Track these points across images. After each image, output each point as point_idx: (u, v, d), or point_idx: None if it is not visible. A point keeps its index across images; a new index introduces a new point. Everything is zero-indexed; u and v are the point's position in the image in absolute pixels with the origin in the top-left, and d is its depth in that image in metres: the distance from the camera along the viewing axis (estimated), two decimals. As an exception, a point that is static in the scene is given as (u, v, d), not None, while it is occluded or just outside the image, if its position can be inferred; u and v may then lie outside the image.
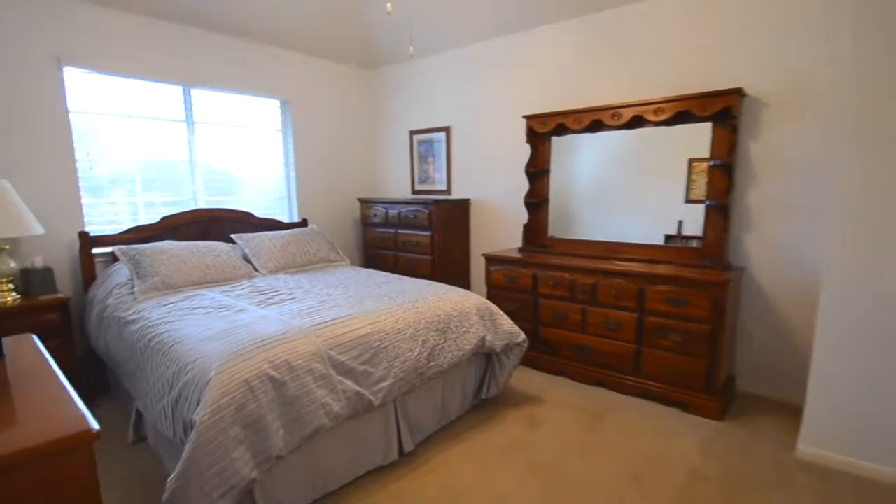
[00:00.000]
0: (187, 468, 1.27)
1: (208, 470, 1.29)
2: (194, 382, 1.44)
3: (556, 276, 2.60)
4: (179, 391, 1.47)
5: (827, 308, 1.76)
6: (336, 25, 3.43)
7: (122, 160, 2.79)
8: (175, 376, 1.53)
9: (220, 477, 1.30)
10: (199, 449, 1.28)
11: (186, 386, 1.46)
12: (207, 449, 1.29)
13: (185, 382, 1.47)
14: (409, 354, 1.88)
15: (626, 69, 2.66)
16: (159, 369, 1.64)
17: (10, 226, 2.05)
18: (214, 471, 1.30)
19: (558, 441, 2.00)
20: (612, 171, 2.80)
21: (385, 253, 3.67)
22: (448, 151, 3.61)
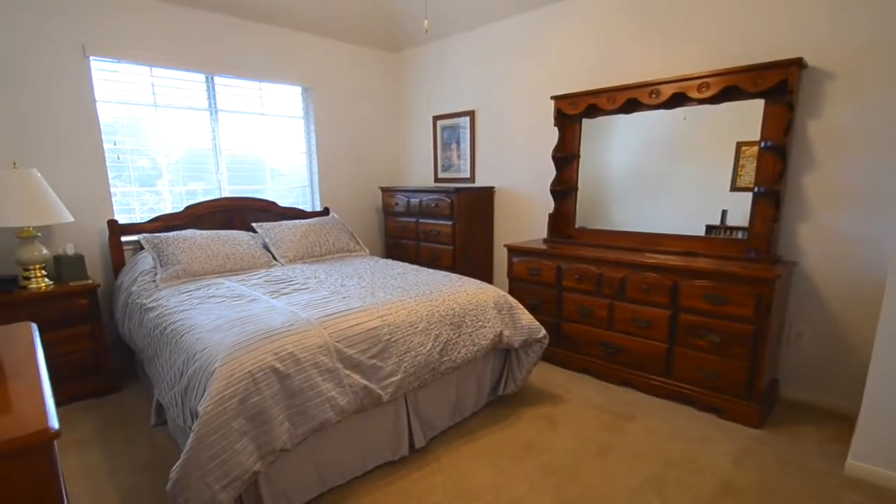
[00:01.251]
0: (189, 459, 1.29)
1: (210, 461, 1.31)
2: (201, 372, 1.47)
3: (581, 268, 2.47)
4: (188, 380, 1.52)
5: (892, 308, 1.57)
6: (356, 5, 3.36)
7: (150, 150, 2.89)
8: (184, 365, 1.58)
9: (222, 469, 1.32)
10: (201, 440, 1.31)
11: (194, 375, 1.50)
12: (210, 440, 1.31)
13: (192, 372, 1.51)
14: (420, 349, 1.84)
15: (665, 42, 2.46)
16: (172, 357, 1.70)
17: (40, 214, 2.15)
18: (217, 462, 1.31)
19: (577, 442, 1.93)
20: (649, 156, 2.60)
21: (407, 243, 3.64)
22: (472, 137, 3.49)
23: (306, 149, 3.65)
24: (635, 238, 2.62)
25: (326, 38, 3.54)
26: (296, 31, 3.37)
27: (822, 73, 2.01)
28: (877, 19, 1.86)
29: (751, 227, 2.22)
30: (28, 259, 2.22)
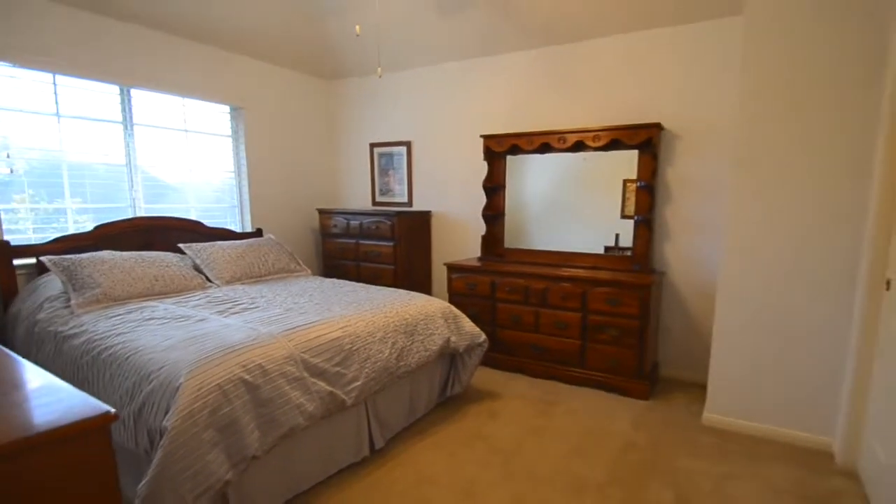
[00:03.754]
0: (159, 473, 1.35)
1: (181, 474, 1.37)
2: (161, 390, 1.51)
3: (511, 282, 2.95)
4: (143, 400, 1.54)
5: (721, 304, 2.32)
6: (296, 34, 3.61)
7: (46, 163, 2.69)
8: (136, 386, 1.59)
9: (194, 480, 1.40)
10: (171, 454, 1.37)
11: (152, 394, 1.53)
12: (180, 453, 1.38)
13: (149, 391, 1.54)
14: (379, 356, 2.09)
15: (573, 99, 3.16)
16: (115, 381, 1.68)
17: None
18: (188, 474, 1.39)
19: (515, 428, 2.34)
20: (560, 188, 3.24)
21: (346, 263, 3.84)
22: (409, 165, 3.87)
23: (235, 168, 3.69)
24: (553, 256, 3.20)
25: (259, 60, 3.70)
26: (226, 51, 3.45)
27: (673, 134, 2.85)
28: (708, 101, 2.73)
29: (634, 246, 2.95)
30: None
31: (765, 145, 2.12)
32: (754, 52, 2.10)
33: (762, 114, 2.11)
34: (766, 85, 2.09)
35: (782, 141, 2.08)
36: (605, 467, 1.99)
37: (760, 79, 2.10)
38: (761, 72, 2.09)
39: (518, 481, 1.89)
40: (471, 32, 3.28)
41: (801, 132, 2.04)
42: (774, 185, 2.11)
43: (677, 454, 2.11)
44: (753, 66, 2.11)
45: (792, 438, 2.20)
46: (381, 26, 3.31)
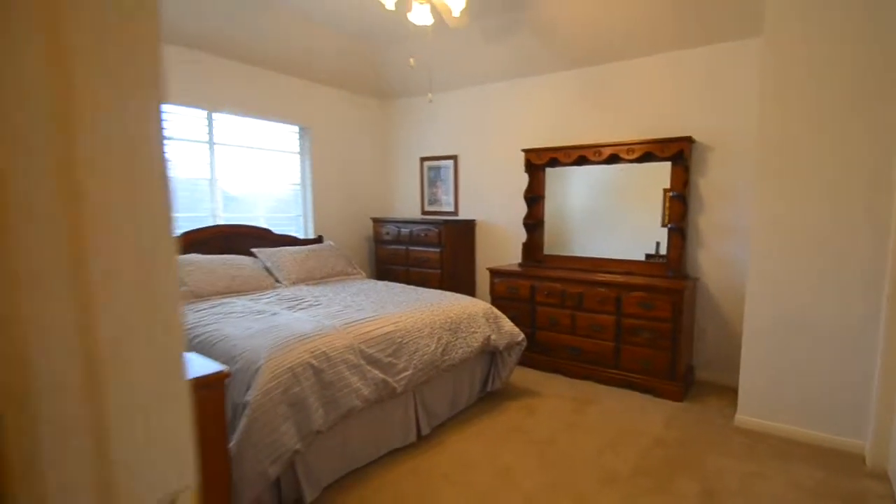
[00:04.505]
0: (243, 438, 1.60)
1: (261, 441, 1.62)
2: (244, 370, 1.79)
3: (549, 286, 3.13)
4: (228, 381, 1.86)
5: (750, 307, 2.40)
6: (356, 62, 4.06)
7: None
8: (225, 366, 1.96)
9: (270, 447, 1.65)
10: (252, 423, 1.62)
11: (236, 374, 1.79)
12: (259, 423, 1.63)
13: (235, 371, 1.79)
14: (426, 350, 2.36)
15: (607, 114, 3.34)
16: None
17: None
18: (266, 442, 1.63)
19: (551, 423, 2.54)
20: (599, 198, 3.38)
21: (396, 268, 4.19)
22: (455, 177, 4.17)
23: (301, 181, 4.15)
24: (589, 262, 3.34)
25: (324, 84, 4.16)
26: (296, 77, 3.91)
27: (705, 146, 2.96)
28: (736, 114, 2.83)
29: (668, 253, 3.04)
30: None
31: (788, 155, 2.21)
32: (773, 68, 2.21)
33: (783, 125, 2.20)
34: (787, 98, 2.19)
35: (805, 149, 2.17)
36: (634, 460, 2.14)
37: (781, 92, 2.20)
38: (781, 86, 2.20)
39: (552, 469, 2.07)
40: (513, 56, 3.54)
41: (824, 141, 2.12)
42: (799, 192, 2.19)
43: (706, 451, 2.21)
44: (773, 81, 2.22)
45: (822, 441, 2.23)
46: (432, 54, 3.66)
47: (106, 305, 0.40)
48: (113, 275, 0.41)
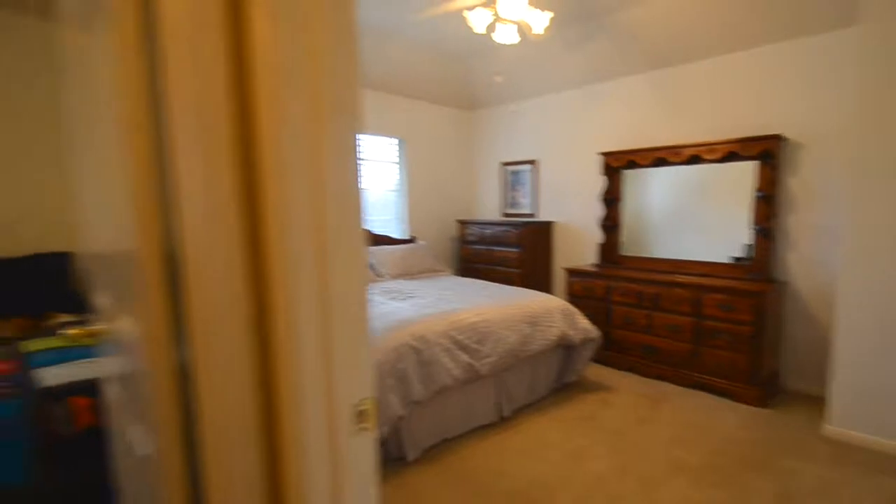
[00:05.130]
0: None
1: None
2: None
3: (625, 286, 3.27)
4: None
5: (842, 312, 2.34)
6: (443, 76, 4.48)
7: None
8: None
9: (382, 412, 2.02)
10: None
11: None
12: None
13: None
14: (507, 339, 2.68)
15: (686, 115, 3.34)
16: None
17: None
18: (379, 408, 1.98)
19: (623, 415, 2.71)
20: (678, 199, 3.41)
21: (478, 266, 4.57)
22: (535, 180, 4.41)
23: (398, 188, 4.68)
24: (667, 263, 3.39)
25: (416, 99, 4.62)
26: (392, 94, 4.40)
27: (796, 144, 2.84)
28: (829, 110, 2.70)
29: (753, 254, 2.98)
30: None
31: (888, 151, 2.11)
32: (872, 60, 2.12)
33: (883, 121, 2.11)
34: (888, 91, 2.09)
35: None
36: (704, 455, 2.23)
37: (881, 85, 2.10)
38: (882, 78, 2.10)
39: (621, 455, 2.25)
40: (591, 62, 3.68)
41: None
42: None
43: (785, 455, 2.22)
44: (872, 74, 2.13)
45: (922, 457, 2.11)
46: (514, 65, 3.94)
47: (333, 285, 0.70)
48: (338, 259, 0.70)
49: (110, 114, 0.73)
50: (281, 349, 0.67)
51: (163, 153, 0.64)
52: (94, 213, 1.09)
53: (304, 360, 0.68)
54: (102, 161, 0.87)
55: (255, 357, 0.69)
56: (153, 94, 0.63)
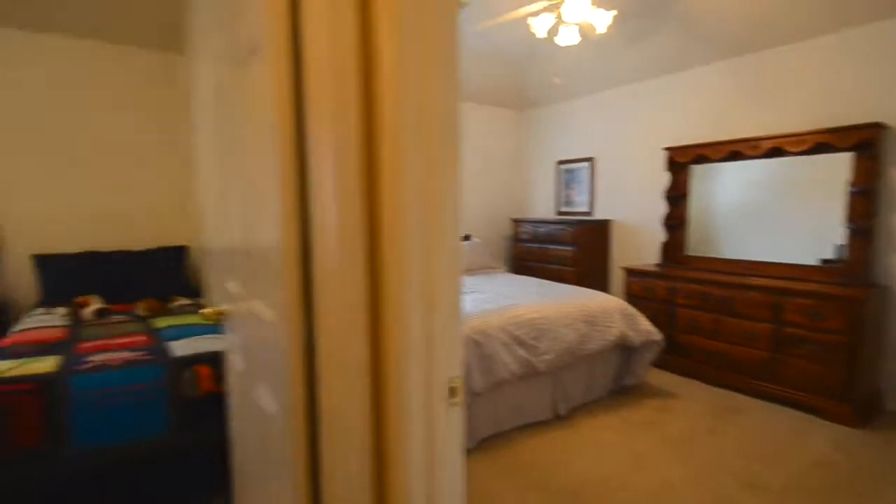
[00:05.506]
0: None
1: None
2: None
3: (691, 288, 3.09)
4: None
5: None
6: (501, 78, 4.45)
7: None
8: None
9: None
10: None
11: None
12: None
13: None
14: (565, 337, 2.63)
15: (766, 105, 3.10)
16: None
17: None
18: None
19: (688, 423, 2.54)
20: (754, 196, 3.17)
21: (532, 265, 4.51)
22: (592, 178, 4.29)
23: (451, 188, 4.76)
24: (740, 264, 3.16)
25: (475, 102, 4.66)
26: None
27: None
28: None
29: (847, 256, 2.70)
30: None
31: None
32: None
33: None
34: None
35: None
36: (788, 476, 2.02)
37: None
38: None
39: (687, 465, 2.11)
40: (656, 54, 3.52)
41: None
42: None
43: (890, 485, 1.96)
44: None
45: None
46: (572, 62, 3.86)
47: (436, 278, 0.78)
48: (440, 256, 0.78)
49: (258, 137, 0.90)
50: (391, 329, 0.77)
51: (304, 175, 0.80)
52: (226, 216, 1.31)
53: (410, 339, 0.76)
54: (246, 175, 1.04)
55: (368, 336, 0.79)
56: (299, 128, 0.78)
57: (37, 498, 1.57)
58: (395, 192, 0.74)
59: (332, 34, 0.72)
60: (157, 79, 3.28)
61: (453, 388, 0.81)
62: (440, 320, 0.78)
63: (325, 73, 0.74)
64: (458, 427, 0.83)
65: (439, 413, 0.79)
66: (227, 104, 1.19)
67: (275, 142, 0.78)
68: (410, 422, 0.77)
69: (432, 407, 0.78)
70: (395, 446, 0.78)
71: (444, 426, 0.80)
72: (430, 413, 0.78)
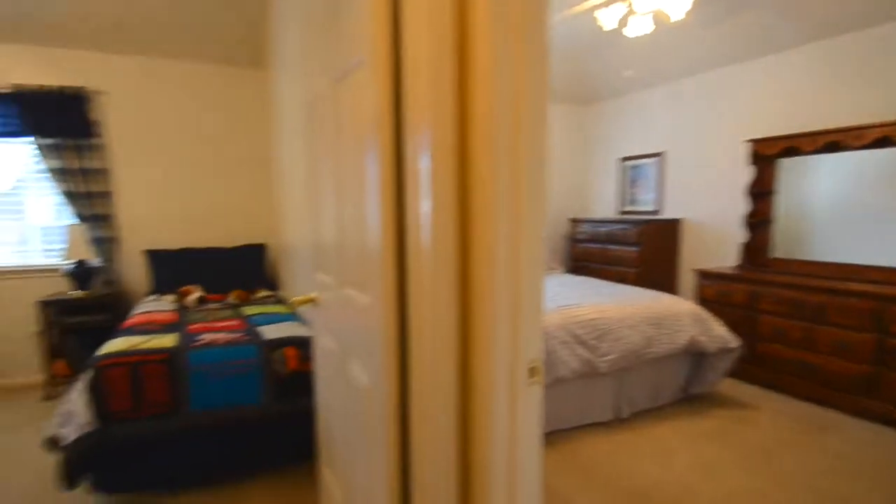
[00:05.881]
0: None
1: None
2: None
3: (777, 293, 2.85)
4: None
5: None
6: (560, 74, 4.36)
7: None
8: None
9: None
10: None
11: None
12: None
13: None
14: (629, 339, 2.55)
15: (872, 90, 2.75)
16: None
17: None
18: None
19: (767, 437, 2.36)
20: (855, 191, 2.85)
21: (590, 265, 4.38)
22: (660, 175, 4.08)
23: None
24: (836, 268, 2.85)
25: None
26: None
27: None
28: None
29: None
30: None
31: None
32: None
33: None
34: None
35: None
36: (886, 500, 1.83)
37: None
38: None
39: (763, 479, 1.98)
40: (737, 37, 3.26)
41: None
42: None
43: None
44: None
45: None
46: (641, 55, 3.70)
47: (525, 260, 0.83)
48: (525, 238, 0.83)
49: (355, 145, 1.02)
50: (481, 313, 0.84)
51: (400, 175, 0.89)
52: (316, 217, 1.48)
53: (498, 322, 0.82)
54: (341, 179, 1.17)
55: (458, 318, 0.87)
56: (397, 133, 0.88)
57: (167, 445, 1.86)
58: (486, 189, 0.80)
59: (430, 46, 0.80)
60: (243, 93, 3.63)
61: (533, 368, 0.86)
62: (525, 305, 0.84)
63: (422, 82, 0.82)
64: (538, 405, 0.88)
65: (521, 390, 0.85)
66: (322, 118, 1.33)
67: (377, 146, 0.88)
68: (496, 397, 0.83)
69: (515, 385, 0.84)
70: (480, 419, 0.85)
71: (524, 403, 0.86)
72: (513, 391, 0.84)
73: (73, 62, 3.15)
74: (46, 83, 3.04)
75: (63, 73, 3.11)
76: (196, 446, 1.90)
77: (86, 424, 1.75)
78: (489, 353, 0.82)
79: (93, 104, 3.18)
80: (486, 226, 0.81)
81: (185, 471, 1.93)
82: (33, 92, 3.00)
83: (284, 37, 2.65)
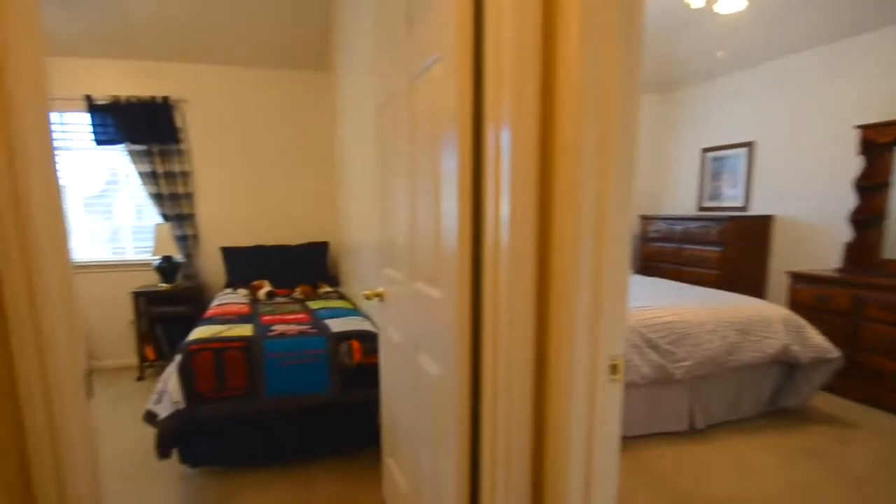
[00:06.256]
0: None
1: None
2: None
3: (888, 299, 2.54)
4: None
5: None
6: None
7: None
8: None
9: None
10: None
11: None
12: None
13: None
14: (709, 345, 2.39)
15: None
16: None
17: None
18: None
19: (870, 458, 2.13)
20: None
21: (664, 266, 4.13)
22: (749, 167, 3.75)
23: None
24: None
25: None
26: None
27: None
28: None
29: None
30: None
31: None
32: None
33: None
34: None
35: None
36: None
37: None
38: None
39: (860, 503, 1.80)
40: (840, 11, 2.88)
41: None
42: None
43: None
44: None
45: None
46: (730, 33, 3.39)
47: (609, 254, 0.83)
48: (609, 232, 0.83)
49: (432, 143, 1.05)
50: (559, 307, 0.83)
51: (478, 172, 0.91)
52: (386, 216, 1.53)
53: (578, 316, 0.82)
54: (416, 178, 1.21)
55: (535, 311, 0.87)
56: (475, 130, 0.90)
57: (244, 426, 2.06)
58: (571, 188, 0.80)
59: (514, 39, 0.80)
60: (309, 96, 3.77)
61: (615, 365, 0.85)
62: (608, 299, 0.83)
63: (505, 77, 0.82)
64: (618, 403, 0.87)
65: (600, 387, 0.84)
66: (395, 118, 1.37)
67: (455, 143, 0.90)
68: (573, 393, 0.82)
69: (595, 380, 0.84)
70: (556, 412, 0.85)
71: (604, 400, 0.85)
72: (592, 388, 0.84)
73: (159, 73, 3.40)
74: (136, 94, 3.31)
75: (151, 83, 3.37)
76: (270, 428, 2.07)
77: (177, 402, 1.94)
78: (568, 346, 0.82)
79: (177, 111, 3.44)
80: (567, 224, 0.81)
81: (260, 450, 2.10)
82: (127, 102, 3.28)
83: (350, 40, 2.76)
